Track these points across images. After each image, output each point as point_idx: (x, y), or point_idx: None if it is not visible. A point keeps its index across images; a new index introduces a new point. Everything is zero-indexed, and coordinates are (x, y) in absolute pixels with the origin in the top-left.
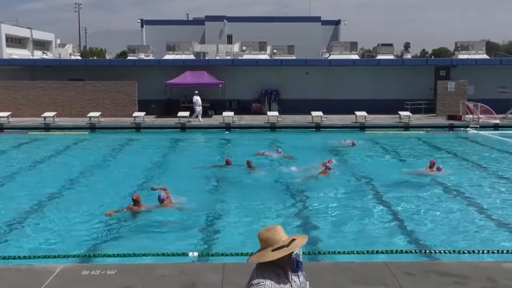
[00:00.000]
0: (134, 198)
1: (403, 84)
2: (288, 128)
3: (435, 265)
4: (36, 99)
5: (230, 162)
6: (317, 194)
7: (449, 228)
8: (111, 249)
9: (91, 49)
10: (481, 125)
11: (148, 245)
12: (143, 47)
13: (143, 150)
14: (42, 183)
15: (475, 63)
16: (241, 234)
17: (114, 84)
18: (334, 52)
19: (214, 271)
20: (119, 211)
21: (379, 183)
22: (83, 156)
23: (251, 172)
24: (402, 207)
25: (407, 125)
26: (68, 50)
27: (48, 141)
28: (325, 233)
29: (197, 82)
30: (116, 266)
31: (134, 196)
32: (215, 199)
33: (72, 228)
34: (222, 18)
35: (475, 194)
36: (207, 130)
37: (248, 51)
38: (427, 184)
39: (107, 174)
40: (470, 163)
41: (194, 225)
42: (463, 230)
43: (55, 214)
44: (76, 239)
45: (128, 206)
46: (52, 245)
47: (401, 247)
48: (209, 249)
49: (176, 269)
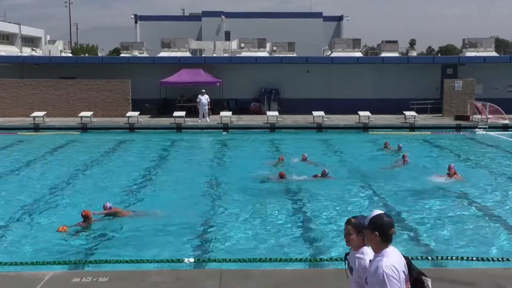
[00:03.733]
0: (84, 214)
1: (408, 83)
2: (288, 128)
3: (443, 272)
4: (25, 98)
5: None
6: (318, 197)
7: (457, 234)
8: (103, 255)
9: (83, 46)
10: (489, 126)
11: (142, 251)
12: (137, 44)
13: (137, 151)
14: (31, 186)
15: (484, 61)
16: (238, 239)
17: (107, 83)
18: (336, 49)
19: (211, 277)
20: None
21: (382, 186)
22: (74, 158)
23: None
24: (408, 212)
25: (412, 126)
26: (59, 47)
27: (38, 142)
28: (328, 239)
29: (193, 81)
30: (109, 273)
31: (84, 212)
32: (212, 204)
33: (62, 233)
34: (219, 14)
35: (484, 198)
36: (203, 130)
37: (246, 48)
38: (434, 189)
39: (98, 177)
40: (479, 166)
41: (189, 231)
42: (472, 236)
43: (44, 219)
44: (66, 244)
45: (78, 223)
46: (41, 250)
47: (407, 253)
48: (206, 255)
49: (172, 275)
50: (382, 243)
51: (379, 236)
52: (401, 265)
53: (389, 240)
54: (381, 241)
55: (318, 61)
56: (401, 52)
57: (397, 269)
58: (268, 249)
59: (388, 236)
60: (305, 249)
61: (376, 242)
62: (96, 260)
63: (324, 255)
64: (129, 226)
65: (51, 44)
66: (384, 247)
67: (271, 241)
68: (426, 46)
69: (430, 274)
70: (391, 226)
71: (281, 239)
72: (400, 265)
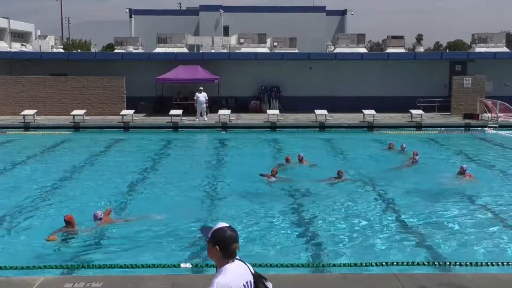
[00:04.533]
0: (66, 219)
1: (415, 80)
2: (289, 128)
3: (451, 278)
4: (14, 96)
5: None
6: (324, 202)
7: (466, 238)
8: (97, 259)
9: (75, 41)
10: (500, 125)
11: (137, 256)
12: (131, 39)
13: (132, 152)
14: (21, 187)
15: (494, 57)
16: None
17: (100, 80)
18: (340, 45)
19: (209, 283)
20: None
21: (391, 188)
22: (66, 158)
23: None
24: (415, 216)
25: (419, 125)
26: (50, 42)
27: (28, 142)
28: (331, 243)
29: (190, 78)
30: (102, 277)
31: (67, 216)
32: (210, 207)
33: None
34: (218, 8)
35: (495, 200)
36: (201, 130)
37: (246, 43)
38: (443, 190)
39: (91, 179)
40: (490, 167)
41: (186, 235)
42: (481, 240)
43: (35, 221)
44: (58, 248)
45: (61, 228)
46: (32, 255)
47: (414, 258)
48: (203, 260)
49: (167, 281)
50: (223, 258)
51: (220, 251)
52: (239, 284)
53: (231, 255)
54: (221, 256)
55: (321, 57)
56: (407, 48)
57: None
58: (269, 254)
59: (229, 251)
60: (307, 254)
61: (217, 256)
62: (89, 265)
63: (327, 260)
64: (124, 230)
65: (41, 39)
66: (224, 263)
67: (272, 245)
68: (434, 42)
69: (437, 279)
70: (233, 240)
71: (282, 243)
72: (237, 284)
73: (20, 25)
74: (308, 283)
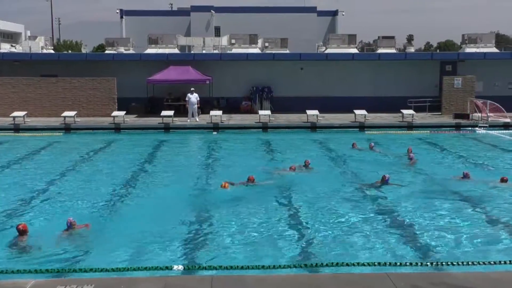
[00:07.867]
0: (21, 227)
1: (406, 80)
2: (281, 128)
3: (443, 277)
4: (4, 97)
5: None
6: (316, 203)
7: (458, 237)
8: (88, 262)
9: (66, 42)
10: (490, 125)
11: (129, 258)
12: (122, 40)
13: (123, 153)
14: (11, 188)
15: (484, 57)
16: (230, 245)
17: (91, 81)
18: (331, 45)
19: (202, 284)
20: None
21: (382, 188)
22: (56, 159)
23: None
24: (407, 215)
25: (410, 125)
26: (40, 43)
27: (18, 143)
28: (324, 243)
29: (182, 78)
30: (94, 280)
31: (21, 225)
32: (203, 208)
33: (44, 240)
34: (209, 9)
35: (485, 200)
36: (193, 130)
37: (237, 44)
38: (436, 191)
39: (82, 181)
40: (480, 165)
41: (178, 237)
42: (473, 239)
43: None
44: (49, 250)
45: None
46: (23, 258)
47: (405, 258)
48: (196, 261)
49: (160, 283)
50: None
51: None
52: None
53: None
54: None
55: (312, 58)
56: (398, 48)
57: None
58: (261, 255)
59: None
60: (299, 254)
61: None
62: (81, 267)
63: (320, 260)
64: (116, 232)
65: (31, 40)
66: None
67: (264, 246)
68: (424, 42)
69: (429, 278)
70: None
71: (274, 244)
72: None
73: (9, 25)
74: (299, 284)
